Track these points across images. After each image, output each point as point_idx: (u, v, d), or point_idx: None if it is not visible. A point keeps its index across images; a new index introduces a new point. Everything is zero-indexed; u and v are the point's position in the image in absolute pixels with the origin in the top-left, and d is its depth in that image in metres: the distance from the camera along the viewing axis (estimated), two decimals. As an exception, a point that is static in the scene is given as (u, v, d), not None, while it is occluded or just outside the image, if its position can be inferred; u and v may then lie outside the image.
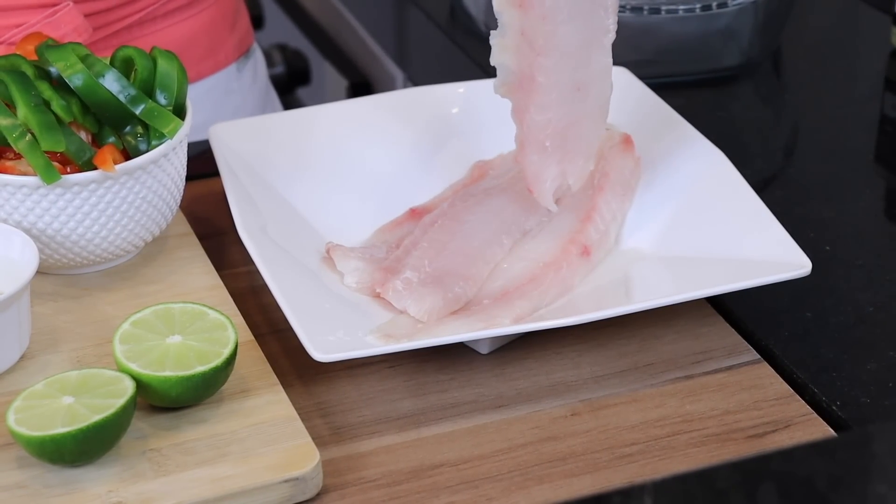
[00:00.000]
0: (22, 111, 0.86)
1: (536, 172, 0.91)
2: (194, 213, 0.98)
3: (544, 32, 0.88)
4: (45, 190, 0.86)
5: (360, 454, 0.80)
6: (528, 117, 0.89)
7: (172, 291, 0.89)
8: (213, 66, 1.10)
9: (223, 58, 1.11)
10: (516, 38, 0.88)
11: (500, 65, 0.89)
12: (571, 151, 0.90)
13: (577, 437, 0.81)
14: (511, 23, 0.88)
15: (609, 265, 0.93)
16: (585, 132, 0.91)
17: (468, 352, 0.87)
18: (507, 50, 0.89)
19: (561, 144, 0.90)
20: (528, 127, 0.90)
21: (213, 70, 1.10)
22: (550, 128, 0.89)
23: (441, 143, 1.02)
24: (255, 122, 1.02)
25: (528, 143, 0.90)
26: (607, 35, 0.89)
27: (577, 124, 0.90)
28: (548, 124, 0.89)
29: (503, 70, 0.89)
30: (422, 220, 0.95)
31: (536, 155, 0.90)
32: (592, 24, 0.89)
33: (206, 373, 0.79)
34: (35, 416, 0.75)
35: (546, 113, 0.89)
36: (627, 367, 0.86)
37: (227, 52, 1.11)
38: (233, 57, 1.12)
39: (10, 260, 0.84)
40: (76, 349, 0.84)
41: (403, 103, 1.03)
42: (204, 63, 1.10)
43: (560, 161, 0.90)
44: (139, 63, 0.90)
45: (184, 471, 0.76)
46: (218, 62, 1.11)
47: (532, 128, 0.90)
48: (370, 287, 0.90)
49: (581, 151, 0.91)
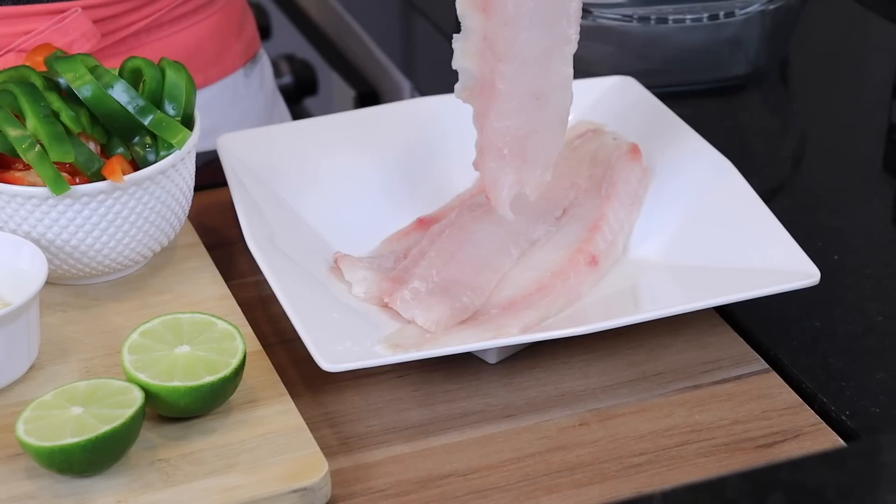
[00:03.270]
0: (31, 122, 0.86)
1: (494, 179, 0.90)
2: (202, 223, 0.98)
3: (505, 38, 0.87)
4: (55, 201, 0.86)
5: (368, 464, 0.80)
6: (487, 124, 0.89)
7: (181, 301, 0.89)
8: (221, 72, 1.11)
9: (230, 63, 1.11)
10: (479, 42, 0.88)
11: (462, 69, 0.89)
12: (529, 161, 0.90)
13: (585, 447, 0.81)
14: (474, 27, 0.88)
15: (617, 275, 0.93)
16: (544, 142, 0.90)
17: (476, 361, 0.87)
18: (469, 55, 0.89)
19: (519, 153, 0.89)
20: (487, 133, 0.90)
21: (220, 76, 1.11)
22: (509, 135, 0.89)
23: (449, 153, 1.02)
24: (262, 133, 1.02)
25: (486, 150, 0.90)
26: (568, 45, 0.89)
27: (535, 134, 0.89)
28: (506, 132, 0.89)
29: (465, 74, 0.89)
30: (430, 230, 0.95)
31: (494, 162, 0.90)
32: (554, 32, 0.88)
33: (214, 383, 0.79)
34: (44, 426, 0.75)
35: (505, 120, 0.89)
36: (636, 377, 0.86)
37: (235, 58, 1.12)
38: (240, 62, 1.12)
39: (19, 270, 0.84)
40: (85, 359, 0.84)
41: (411, 113, 1.04)
42: (211, 68, 1.10)
43: (518, 170, 0.90)
44: (148, 74, 0.90)
45: (193, 481, 0.76)
46: (225, 67, 1.11)
47: (491, 134, 0.89)
48: (378, 297, 0.90)
49: (539, 161, 0.90)
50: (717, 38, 1.14)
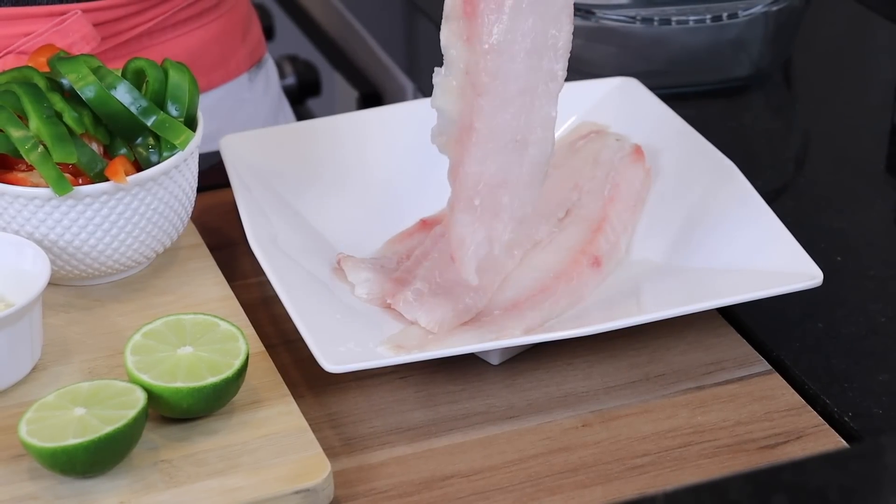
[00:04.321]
0: (34, 123, 0.86)
1: (462, 236, 0.85)
2: (205, 224, 0.98)
3: (488, 69, 0.84)
4: (57, 201, 0.86)
5: (371, 465, 0.80)
6: (461, 171, 0.85)
7: (184, 302, 0.89)
8: (224, 76, 1.11)
9: (234, 68, 1.11)
10: (460, 77, 0.84)
11: (441, 110, 0.84)
12: (501, 214, 0.85)
13: (588, 448, 0.81)
14: (457, 60, 0.84)
15: (620, 276, 0.93)
16: (519, 193, 0.85)
17: (479, 363, 0.87)
18: (449, 92, 0.84)
19: (491, 205, 0.85)
20: (460, 182, 0.85)
21: (224, 80, 1.11)
22: (482, 182, 0.85)
23: (451, 155, 1.02)
24: (265, 134, 1.02)
25: (457, 202, 0.85)
26: (554, 82, 0.85)
27: (510, 183, 0.85)
28: (480, 178, 0.84)
29: (443, 117, 0.84)
30: (432, 232, 0.95)
31: (465, 214, 0.85)
32: (540, 66, 0.85)
33: (217, 384, 0.79)
34: (47, 427, 0.75)
35: (480, 165, 0.84)
36: (638, 378, 0.86)
37: (239, 62, 1.12)
38: (244, 67, 1.12)
39: (22, 271, 0.84)
40: (88, 360, 0.84)
41: (414, 114, 1.04)
42: (215, 73, 1.10)
43: (488, 225, 0.85)
44: (150, 75, 0.90)
45: (195, 482, 0.76)
46: (229, 72, 1.11)
47: (464, 182, 0.85)
48: (381, 298, 0.90)
49: (511, 215, 0.85)
50: (721, 40, 1.14)
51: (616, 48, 1.14)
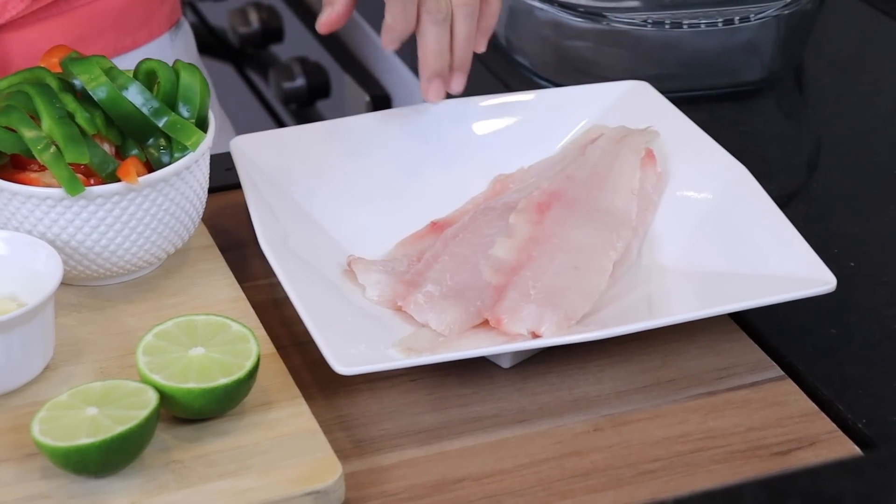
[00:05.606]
0: (46, 123, 0.86)
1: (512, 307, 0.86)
2: (216, 225, 0.98)
3: (555, 235, 0.90)
4: (69, 202, 0.86)
5: (382, 468, 0.80)
6: (521, 273, 0.88)
7: (195, 303, 0.89)
8: (148, 35, 1.13)
9: (157, 27, 1.14)
10: (523, 240, 0.90)
11: (496, 258, 0.89)
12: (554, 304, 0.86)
13: (599, 453, 0.81)
14: (523, 230, 0.90)
15: (631, 280, 0.92)
16: (573, 297, 0.87)
17: (490, 366, 0.87)
18: (510, 250, 0.89)
19: (546, 296, 0.87)
20: (516, 280, 0.88)
21: (148, 39, 1.13)
22: (540, 284, 0.88)
23: (461, 157, 1.02)
24: (276, 135, 1.02)
25: (511, 289, 0.87)
26: (613, 250, 0.90)
27: (569, 289, 0.88)
28: (538, 281, 0.88)
29: (496, 261, 0.89)
30: (443, 234, 0.95)
31: (517, 293, 0.87)
32: (600, 238, 0.90)
33: (228, 385, 0.79)
34: (59, 426, 0.75)
35: (538, 280, 0.88)
36: (650, 383, 0.86)
37: (161, 22, 1.14)
38: (166, 26, 1.15)
39: (34, 271, 0.84)
40: (99, 360, 0.84)
41: (424, 116, 1.04)
42: (140, 32, 1.12)
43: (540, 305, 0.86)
44: (162, 76, 0.90)
45: (206, 483, 0.76)
46: (152, 31, 1.14)
47: (519, 281, 0.88)
48: (392, 300, 0.90)
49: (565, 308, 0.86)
50: (732, 43, 1.14)
51: (627, 51, 1.14)
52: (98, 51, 1.08)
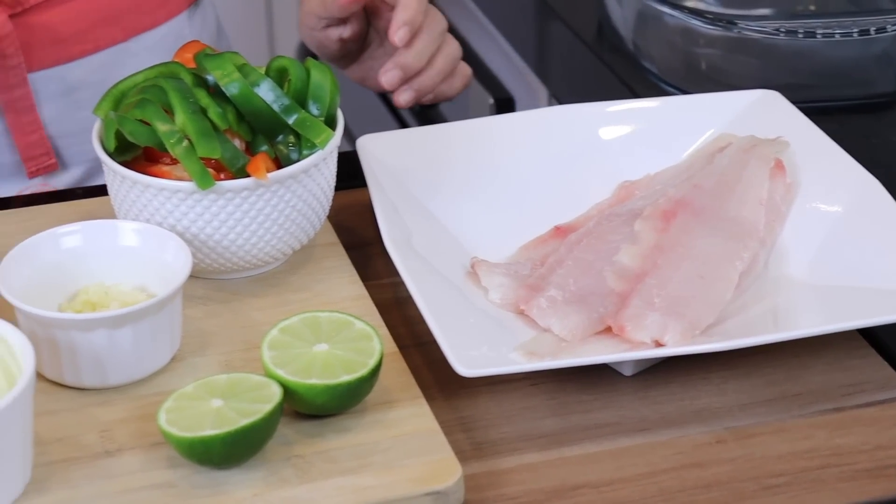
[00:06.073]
0: (180, 118, 0.87)
1: (636, 315, 0.85)
2: (340, 222, 0.99)
3: (681, 243, 0.89)
4: (200, 195, 0.87)
5: (501, 471, 0.80)
6: (645, 280, 0.87)
7: (319, 300, 0.90)
8: (167, 14, 1.14)
9: (174, 6, 1.15)
10: (648, 248, 0.89)
11: (620, 264, 0.88)
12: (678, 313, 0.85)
13: (722, 465, 0.80)
14: (648, 237, 0.89)
15: (757, 291, 0.91)
16: (700, 307, 0.86)
17: (611, 373, 0.87)
18: (635, 257, 0.89)
19: (670, 305, 0.86)
20: (640, 287, 0.87)
21: (167, 17, 1.14)
22: (665, 292, 0.87)
23: (586, 162, 1.02)
24: (401, 135, 1.02)
25: (635, 296, 0.87)
26: (739, 261, 0.89)
27: (694, 299, 0.86)
28: (662, 289, 0.87)
29: (620, 268, 0.88)
30: (567, 239, 0.95)
31: (641, 301, 0.86)
32: (727, 248, 0.89)
33: (351, 382, 0.79)
34: (185, 416, 0.76)
35: (662, 288, 0.87)
36: (774, 397, 0.84)
37: (179, 2, 1.15)
38: (184, 6, 1.16)
39: (164, 263, 0.86)
40: (224, 353, 0.85)
41: (550, 121, 1.03)
42: (159, 11, 1.14)
43: (664, 314, 0.85)
44: (293, 73, 0.91)
45: (327, 478, 0.77)
46: (170, 11, 1.15)
47: (644, 288, 0.87)
48: (514, 303, 0.90)
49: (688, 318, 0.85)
50: (866, 54, 1.11)
51: (758, 60, 1.12)
52: (116, 32, 1.11)
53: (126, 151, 0.89)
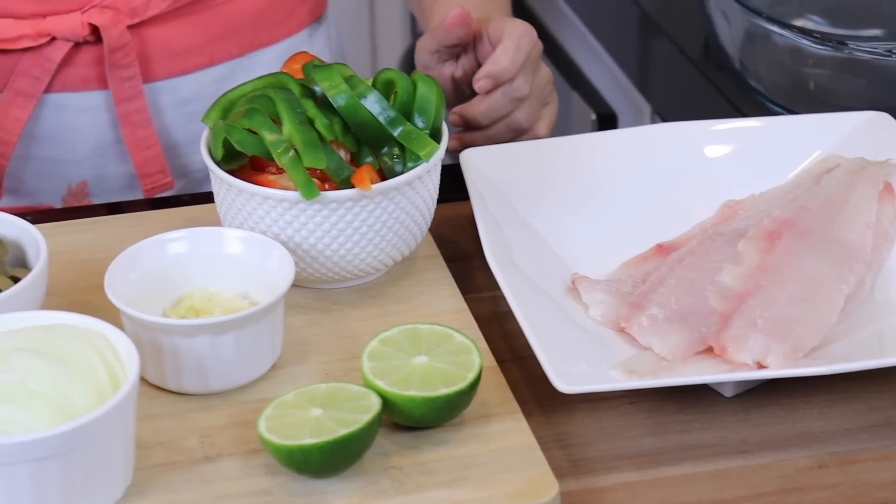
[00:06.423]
0: (287, 127, 0.88)
1: (738, 336, 0.85)
2: (441, 235, 0.99)
3: (785, 265, 0.88)
4: (304, 205, 0.88)
5: (597, 489, 0.79)
6: (748, 301, 0.86)
7: (419, 312, 0.90)
8: (287, 31, 1.14)
9: (296, 23, 1.15)
10: (752, 268, 0.88)
11: (723, 284, 0.87)
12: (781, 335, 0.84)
13: (824, 491, 0.78)
14: (752, 258, 0.88)
15: (863, 315, 0.90)
16: (804, 329, 0.85)
17: (711, 393, 0.86)
18: (738, 278, 0.88)
19: (774, 327, 0.85)
20: (743, 308, 0.86)
21: (286, 35, 1.14)
22: (768, 314, 0.85)
23: (690, 181, 1.01)
24: (505, 149, 1.02)
25: (737, 317, 0.86)
26: (845, 284, 0.88)
27: (798, 321, 0.85)
28: (766, 310, 0.86)
29: (722, 288, 0.87)
30: (669, 257, 0.94)
31: (744, 322, 0.85)
32: (833, 270, 0.88)
33: (450, 395, 0.79)
34: (284, 425, 0.77)
35: (766, 309, 0.86)
36: (879, 423, 0.83)
37: (301, 19, 1.16)
38: (305, 23, 1.16)
39: (267, 271, 0.87)
40: (324, 362, 0.86)
41: (655, 138, 1.03)
42: (278, 28, 1.14)
43: (767, 335, 0.84)
44: (400, 85, 0.91)
45: (424, 491, 0.77)
46: (291, 28, 1.15)
47: (746, 309, 0.86)
48: (615, 321, 0.89)
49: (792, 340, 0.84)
50: (981, 77, 1.09)
51: (867, 81, 1.11)
52: (232, 47, 1.12)
53: (233, 160, 0.91)
